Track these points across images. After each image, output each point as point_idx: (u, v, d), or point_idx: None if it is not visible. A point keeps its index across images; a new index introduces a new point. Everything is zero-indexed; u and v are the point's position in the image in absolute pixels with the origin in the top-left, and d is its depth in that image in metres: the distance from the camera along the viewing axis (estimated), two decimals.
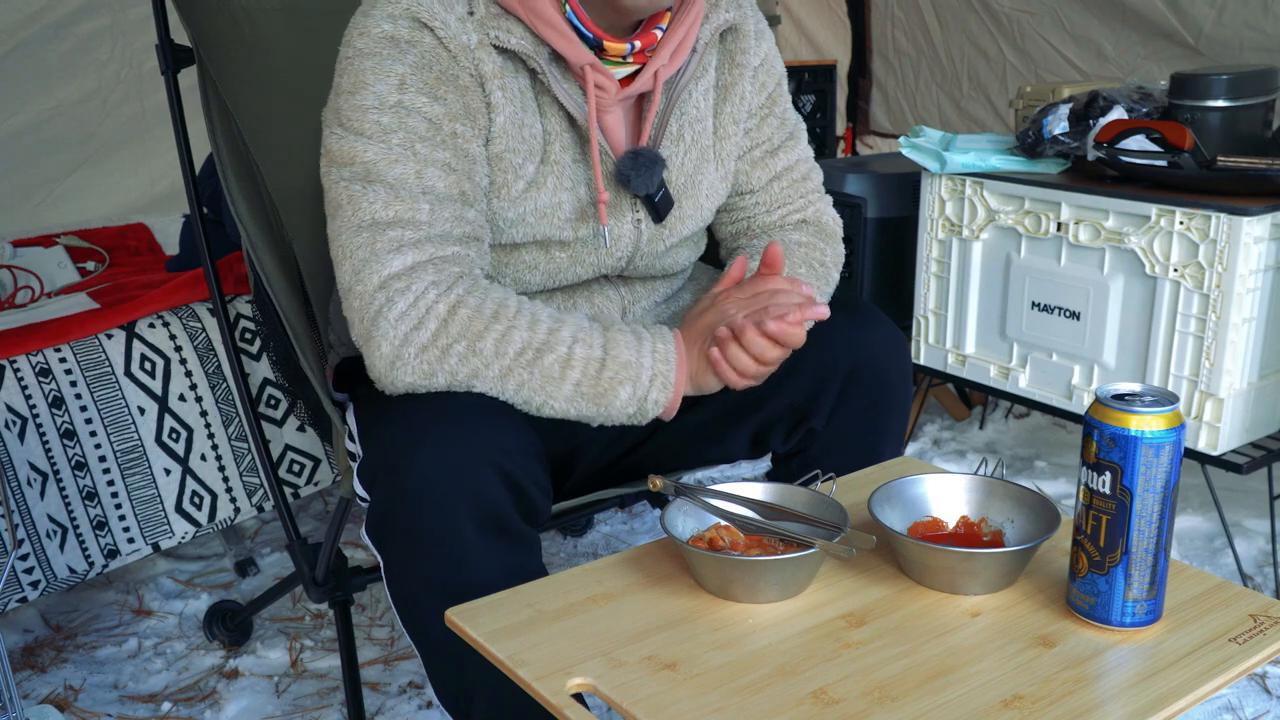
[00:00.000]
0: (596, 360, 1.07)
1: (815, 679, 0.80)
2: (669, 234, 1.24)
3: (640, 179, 1.16)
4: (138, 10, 2.47)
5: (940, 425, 2.56)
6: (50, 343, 1.66)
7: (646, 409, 1.09)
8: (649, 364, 1.08)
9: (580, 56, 1.11)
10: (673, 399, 1.10)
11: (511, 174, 1.13)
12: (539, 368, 1.06)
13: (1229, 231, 1.57)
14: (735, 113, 1.26)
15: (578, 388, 1.06)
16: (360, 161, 1.07)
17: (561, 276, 1.20)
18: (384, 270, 1.05)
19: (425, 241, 1.06)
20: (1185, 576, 0.94)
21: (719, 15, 1.21)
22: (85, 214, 2.51)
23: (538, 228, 1.15)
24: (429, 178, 1.07)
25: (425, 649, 1.09)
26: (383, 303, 1.05)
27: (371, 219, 1.06)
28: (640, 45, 1.14)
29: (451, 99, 1.08)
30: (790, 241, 1.32)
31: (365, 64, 1.08)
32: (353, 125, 1.07)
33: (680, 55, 1.18)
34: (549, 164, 1.14)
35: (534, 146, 1.14)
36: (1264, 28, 2.20)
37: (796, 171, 1.34)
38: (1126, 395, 0.84)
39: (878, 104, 3.29)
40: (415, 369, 1.05)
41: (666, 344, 1.10)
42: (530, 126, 1.13)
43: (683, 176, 1.23)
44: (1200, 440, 1.67)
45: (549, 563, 1.96)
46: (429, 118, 1.08)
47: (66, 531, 1.63)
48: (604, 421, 1.10)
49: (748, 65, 1.26)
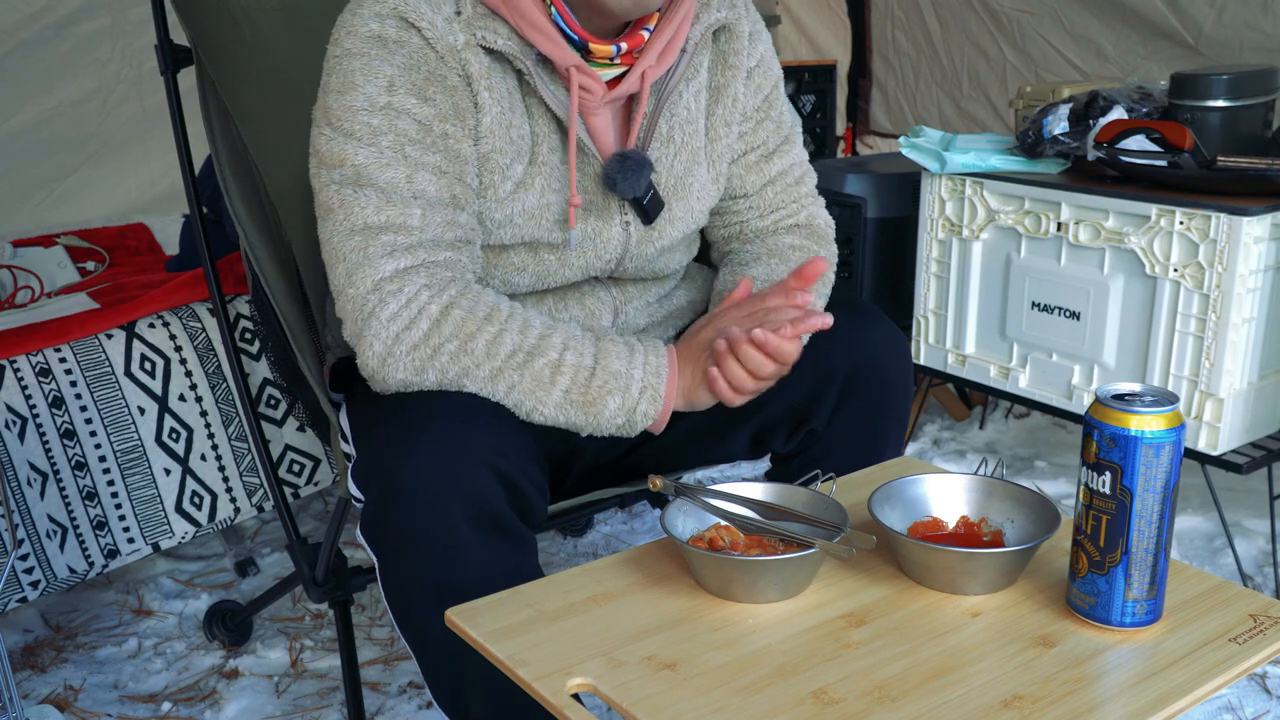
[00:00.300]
0: (587, 369, 1.07)
1: (815, 679, 0.80)
2: (659, 236, 1.23)
3: (627, 182, 1.16)
4: (138, 10, 2.46)
5: (940, 425, 2.56)
6: (50, 343, 1.66)
7: (635, 421, 1.09)
8: (639, 375, 1.08)
9: (565, 58, 1.11)
10: (661, 412, 1.10)
11: (499, 175, 1.12)
12: (529, 371, 1.06)
13: (1229, 231, 1.57)
14: (728, 114, 1.26)
15: (567, 394, 1.07)
16: (351, 164, 1.07)
17: (550, 279, 1.20)
18: (377, 274, 1.06)
19: (418, 247, 1.07)
20: (1185, 576, 0.94)
21: (710, 15, 1.21)
22: (85, 214, 2.51)
23: (526, 229, 1.15)
24: (420, 182, 1.07)
25: (420, 649, 1.09)
26: (375, 304, 1.05)
27: (364, 224, 1.06)
28: (627, 47, 1.13)
29: (440, 99, 1.08)
30: (784, 245, 1.31)
31: (353, 64, 1.08)
32: (342, 126, 1.07)
33: (669, 56, 1.17)
34: (537, 165, 1.14)
35: (522, 148, 1.14)
36: (1264, 28, 2.20)
37: (791, 176, 1.34)
38: (1126, 395, 0.84)
39: (878, 104, 3.29)
40: (407, 365, 1.05)
41: (659, 357, 1.10)
42: (518, 127, 1.13)
43: (672, 178, 1.22)
44: (1200, 440, 1.67)
45: (549, 563, 1.97)
46: (419, 119, 1.08)
47: (66, 531, 1.63)
48: (593, 431, 1.10)
49: (741, 67, 1.25)
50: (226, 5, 1.45)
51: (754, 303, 1.13)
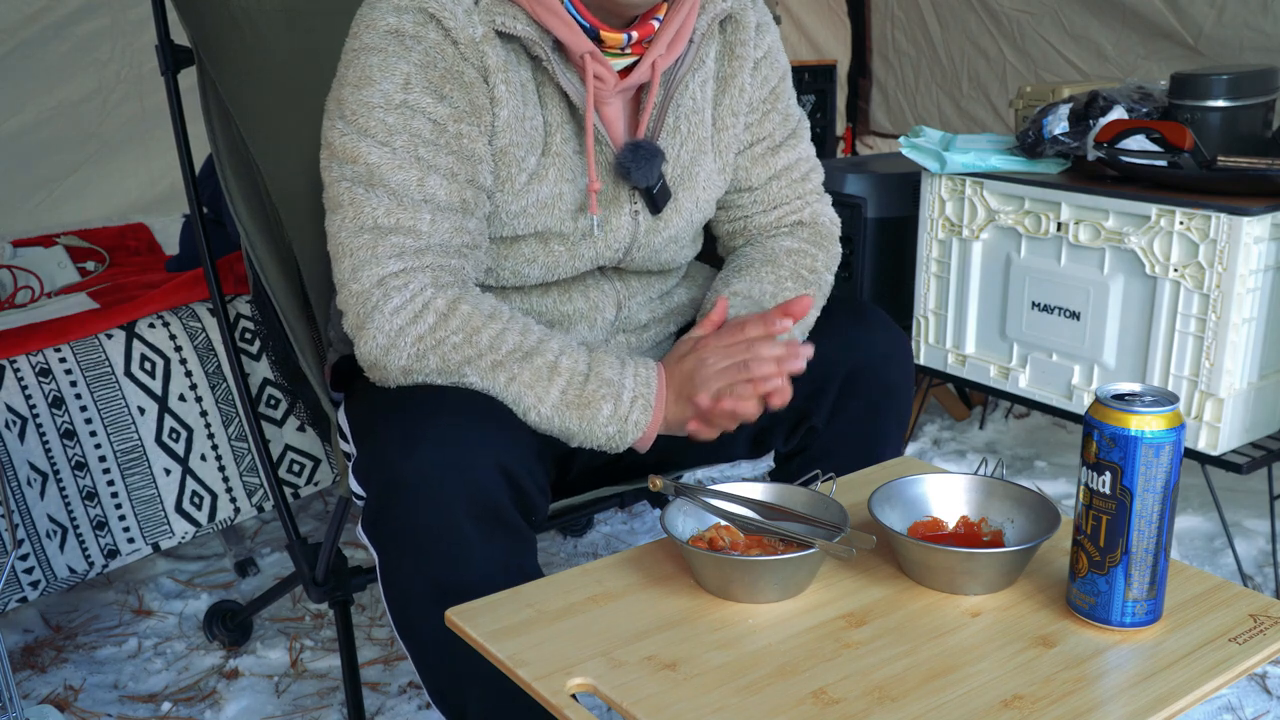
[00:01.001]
0: (581, 374, 1.08)
1: (815, 679, 0.80)
2: (665, 226, 1.24)
3: (640, 171, 1.17)
4: (138, 10, 2.46)
5: (940, 425, 2.56)
6: (50, 343, 1.66)
7: (627, 430, 1.10)
8: (630, 385, 1.10)
9: (580, 44, 1.12)
10: (652, 423, 1.11)
11: (515, 167, 1.13)
12: (529, 367, 1.07)
13: (1229, 231, 1.57)
14: (734, 105, 1.26)
15: (564, 395, 1.07)
16: (364, 162, 1.07)
17: (560, 269, 1.20)
18: (382, 270, 1.07)
19: (425, 250, 1.08)
20: (1185, 576, 0.94)
21: (716, 5, 1.21)
22: (85, 214, 2.51)
23: (539, 219, 1.16)
24: (431, 186, 1.08)
25: (419, 648, 1.09)
26: (380, 298, 1.06)
27: (374, 223, 1.07)
28: (638, 36, 1.14)
29: (457, 96, 1.09)
30: (779, 250, 1.31)
31: (371, 59, 1.08)
32: (357, 122, 1.08)
33: (677, 45, 1.18)
34: (550, 155, 1.15)
35: (535, 139, 1.14)
36: (1264, 28, 2.20)
37: (797, 171, 1.34)
38: (1126, 395, 0.84)
39: (877, 104, 3.29)
40: (409, 353, 1.06)
41: (648, 370, 1.12)
42: (532, 119, 1.14)
43: (679, 168, 1.23)
44: (1200, 440, 1.67)
45: (549, 563, 1.97)
46: (434, 119, 1.08)
47: (66, 531, 1.63)
48: (584, 441, 1.10)
49: (748, 57, 1.26)
50: (227, 5, 1.45)
51: (733, 333, 1.13)
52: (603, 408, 1.08)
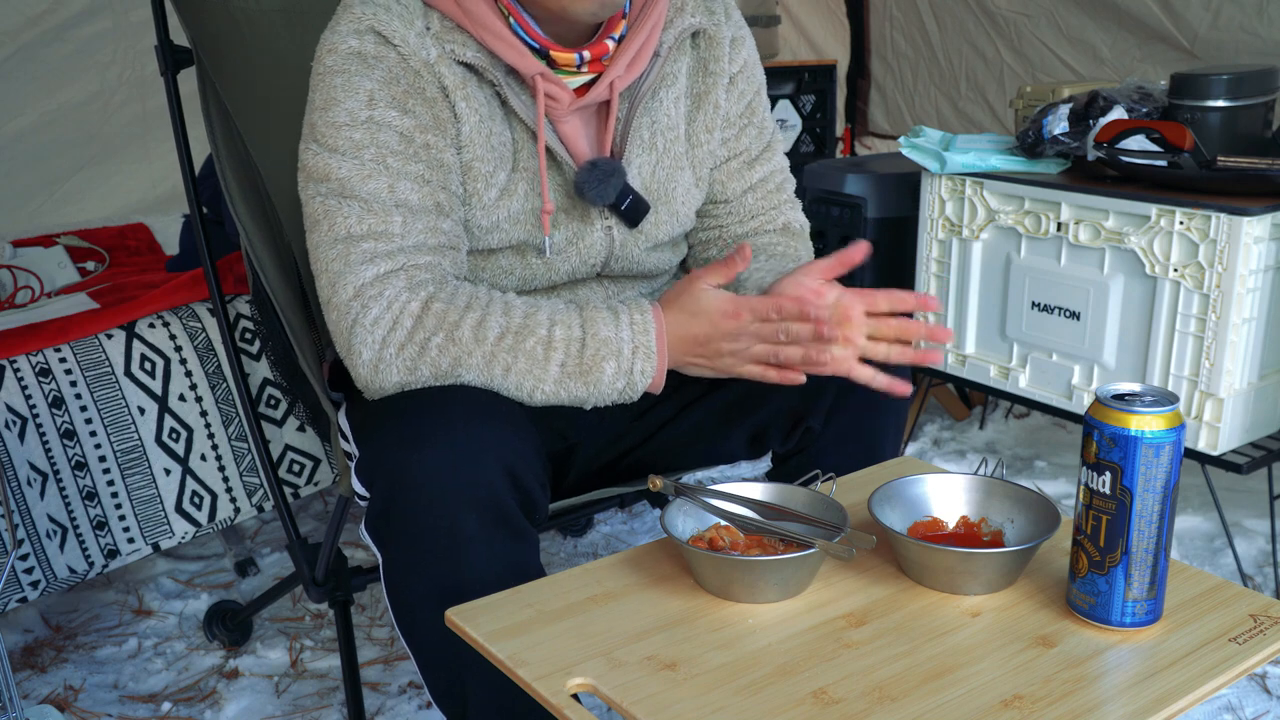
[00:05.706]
0: (577, 340, 1.07)
1: (815, 679, 0.80)
2: (644, 239, 1.24)
3: (595, 190, 1.16)
4: (139, 13, 2.47)
5: (940, 425, 2.56)
6: (50, 343, 1.66)
7: (635, 381, 1.09)
8: (628, 336, 1.08)
9: (529, 67, 1.12)
10: (658, 369, 1.10)
11: (483, 182, 1.14)
12: (522, 351, 1.06)
13: (1229, 231, 1.57)
14: (709, 121, 1.27)
15: (563, 368, 1.07)
16: (335, 178, 1.09)
17: (537, 281, 1.21)
18: (357, 280, 1.07)
19: (398, 252, 1.08)
20: (1185, 576, 0.94)
21: (683, 20, 1.21)
22: (87, 216, 2.51)
23: (512, 233, 1.17)
24: (401, 191, 1.09)
25: (420, 648, 1.09)
26: (358, 310, 1.07)
27: (346, 233, 1.08)
28: (591, 55, 1.14)
29: (420, 110, 1.10)
30: (760, 243, 1.33)
31: (335, 80, 1.10)
32: (327, 141, 1.09)
33: (639, 64, 1.18)
34: (519, 171, 1.16)
35: (504, 154, 1.15)
36: (1259, 31, 2.20)
37: (771, 182, 1.35)
38: (1126, 395, 0.84)
39: (876, 105, 3.29)
40: (399, 367, 1.06)
41: (644, 314, 1.10)
42: (499, 135, 1.14)
43: (656, 184, 1.23)
44: (1200, 440, 1.67)
45: (549, 563, 1.97)
46: (400, 131, 1.09)
47: (66, 531, 1.63)
48: (596, 401, 1.10)
49: (722, 73, 1.26)
50: (226, 5, 1.45)
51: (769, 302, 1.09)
52: (605, 368, 1.07)
